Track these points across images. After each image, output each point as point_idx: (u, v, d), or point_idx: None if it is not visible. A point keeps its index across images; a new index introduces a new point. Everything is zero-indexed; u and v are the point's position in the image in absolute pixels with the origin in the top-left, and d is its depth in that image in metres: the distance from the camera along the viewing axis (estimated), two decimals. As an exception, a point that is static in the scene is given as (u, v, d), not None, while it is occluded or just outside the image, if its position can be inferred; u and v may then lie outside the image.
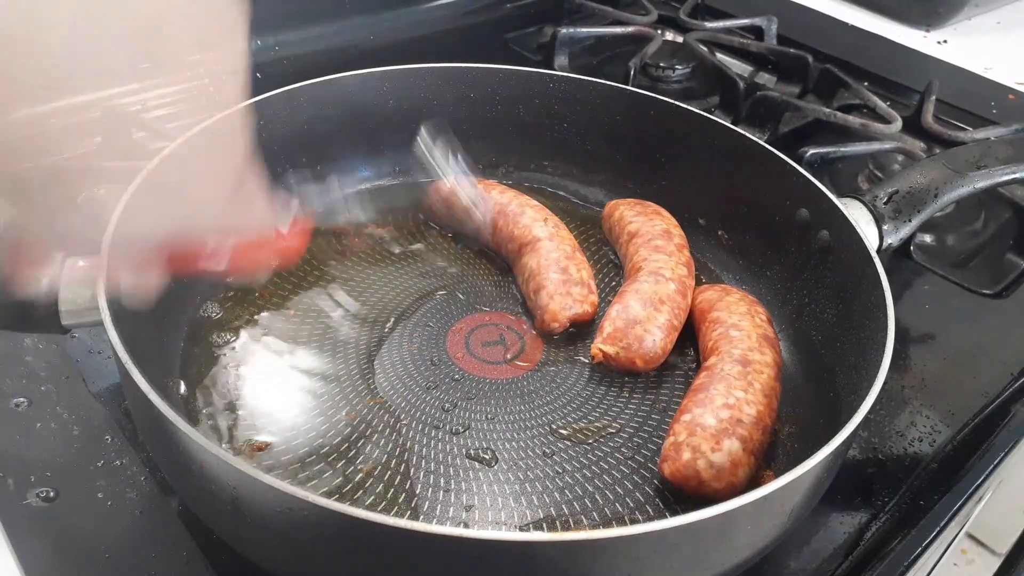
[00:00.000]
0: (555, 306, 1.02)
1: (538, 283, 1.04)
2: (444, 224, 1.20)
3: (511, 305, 1.09)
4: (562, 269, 1.05)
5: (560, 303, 1.02)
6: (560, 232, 1.11)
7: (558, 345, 1.04)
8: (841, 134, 1.45)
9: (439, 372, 0.98)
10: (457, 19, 1.83)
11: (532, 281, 1.05)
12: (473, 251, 1.18)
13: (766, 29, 1.78)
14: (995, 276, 1.24)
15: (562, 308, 1.02)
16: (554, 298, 1.02)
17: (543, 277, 1.04)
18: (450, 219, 1.18)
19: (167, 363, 0.93)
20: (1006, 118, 1.57)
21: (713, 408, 0.84)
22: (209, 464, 0.64)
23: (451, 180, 1.14)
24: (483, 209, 1.12)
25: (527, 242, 1.09)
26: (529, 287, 1.06)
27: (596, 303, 1.05)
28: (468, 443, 0.89)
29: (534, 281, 1.05)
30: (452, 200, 1.15)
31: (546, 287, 1.03)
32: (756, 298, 1.04)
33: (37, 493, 0.79)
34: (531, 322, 1.06)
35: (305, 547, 0.65)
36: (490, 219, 1.12)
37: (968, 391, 1.03)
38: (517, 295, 1.11)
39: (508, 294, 1.11)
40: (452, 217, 1.18)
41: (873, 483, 0.90)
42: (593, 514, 0.83)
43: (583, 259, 1.09)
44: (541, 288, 1.03)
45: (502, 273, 1.15)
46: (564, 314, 1.01)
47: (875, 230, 1.00)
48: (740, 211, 1.16)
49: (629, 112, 1.23)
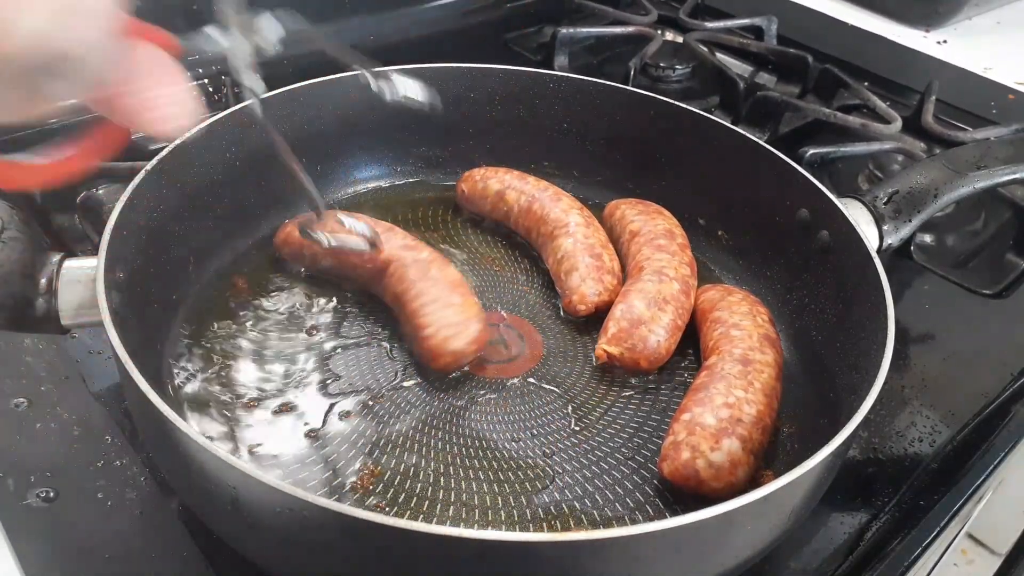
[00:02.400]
0: (586, 289, 1.04)
1: (572, 264, 1.06)
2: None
3: (512, 305, 1.09)
4: (596, 256, 1.07)
5: (591, 288, 1.04)
6: (594, 223, 1.14)
7: (558, 345, 1.04)
8: (841, 134, 1.45)
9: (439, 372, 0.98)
10: (457, 19, 1.83)
11: (566, 262, 1.07)
12: (477, 250, 1.18)
13: (766, 29, 1.78)
14: (995, 276, 1.24)
15: (592, 293, 1.04)
16: (586, 281, 1.04)
17: (577, 259, 1.06)
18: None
19: (166, 364, 0.93)
20: (1006, 118, 1.57)
21: (713, 407, 0.84)
22: (209, 464, 0.64)
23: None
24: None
25: (563, 224, 1.11)
26: (561, 267, 1.07)
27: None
28: (468, 443, 0.89)
29: (568, 262, 1.06)
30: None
31: (579, 269, 1.05)
32: (756, 298, 1.04)
33: (37, 493, 0.79)
34: (531, 321, 1.06)
35: (305, 547, 0.65)
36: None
37: (968, 391, 1.03)
38: (518, 295, 1.11)
39: (509, 294, 1.11)
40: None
41: (873, 483, 0.90)
42: (593, 514, 0.83)
43: (614, 252, 1.11)
44: (574, 270, 1.05)
45: (503, 273, 1.15)
46: (592, 299, 1.03)
47: (875, 230, 1.00)
48: (740, 211, 1.16)
49: (629, 112, 1.23)
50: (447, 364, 0.94)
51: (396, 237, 1.05)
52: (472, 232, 1.22)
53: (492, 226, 1.23)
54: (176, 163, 0.97)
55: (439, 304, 0.95)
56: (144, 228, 0.91)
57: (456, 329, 0.94)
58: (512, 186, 1.18)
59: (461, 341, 0.94)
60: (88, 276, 0.79)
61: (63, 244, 1.10)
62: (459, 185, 1.24)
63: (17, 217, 0.81)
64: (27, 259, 0.79)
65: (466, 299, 0.98)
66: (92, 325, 0.78)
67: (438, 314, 0.94)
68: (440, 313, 0.94)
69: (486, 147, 1.29)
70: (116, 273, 0.81)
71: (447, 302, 0.96)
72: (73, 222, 1.13)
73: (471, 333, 0.94)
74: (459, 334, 0.94)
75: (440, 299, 0.96)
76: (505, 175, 1.21)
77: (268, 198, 1.14)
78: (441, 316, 0.94)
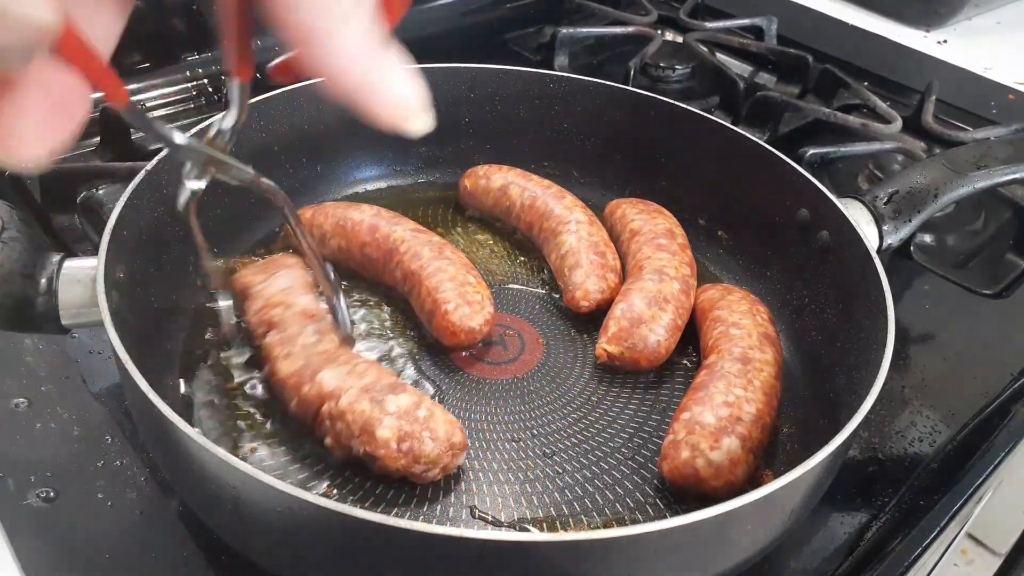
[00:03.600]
0: (590, 286, 1.04)
1: (575, 260, 1.06)
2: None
3: (512, 305, 1.09)
4: (600, 253, 1.08)
5: (595, 285, 1.04)
6: (596, 221, 1.14)
7: (558, 345, 1.04)
8: (841, 134, 1.45)
9: (440, 372, 0.98)
10: (457, 19, 1.83)
11: (569, 258, 1.07)
12: (478, 250, 1.18)
13: (766, 29, 1.78)
14: (995, 276, 1.24)
15: (596, 290, 1.04)
16: (590, 278, 1.05)
17: (581, 256, 1.07)
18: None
19: (167, 363, 0.93)
20: (1006, 118, 1.57)
21: (712, 406, 0.84)
22: (209, 464, 0.64)
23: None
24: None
25: (567, 221, 1.11)
26: (565, 263, 1.08)
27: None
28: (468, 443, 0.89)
29: (572, 258, 1.07)
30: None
31: (583, 266, 1.06)
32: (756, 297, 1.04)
33: (37, 493, 0.79)
34: (531, 322, 1.06)
35: (305, 547, 0.65)
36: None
37: (968, 391, 1.03)
38: (519, 295, 1.11)
39: (510, 294, 1.11)
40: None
41: (873, 483, 0.90)
42: (593, 514, 0.83)
43: (615, 251, 1.11)
44: (578, 266, 1.06)
45: (504, 273, 1.15)
46: (595, 296, 1.04)
47: (875, 230, 1.00)
48: (740, 211, 1.16)
49: (629, 112, 1.23)
50: (461, 341, 0.97)
51: (406, 222, 1.08)
52: (472, 232, 1.22)
53: (492, 227, 1.23)
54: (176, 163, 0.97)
55: (457, 282, 0.98)
56: (144, 228, 0.91)
57: (475, 308, 0.97)
58: (515, 182, 1.19)
59: (479, 320, 0.96)
60: (88, 276, 0.79)
61: (63, 244, 1.10)
62: (462, 181, 1.24)
63: (17, 217, 0.81)
64: (27, 259, 0.79)
65: (479, 280, 1.01)
66: (92, 325, 0.78)
67: (457, 291, 0.97)
68: (460, 290, 0.97)
69: (486, 147, 1.29)
70: (116, 273, 0.81)
71: (464, 280, 0.99)
72: (73, 222, 1.13)
73: (487, 314, 0.98)
74: (477, 313, 0.97)
75: (457, 278, 0.99)
76: (508, 172, 1.21)
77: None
78: (461, 293, 0.97)
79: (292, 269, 0.97)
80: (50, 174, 1.13)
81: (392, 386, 0.82)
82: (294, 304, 0.91)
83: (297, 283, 0.95)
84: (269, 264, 1.00)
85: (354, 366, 0.84)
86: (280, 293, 0.93)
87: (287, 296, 0.93)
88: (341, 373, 0.83)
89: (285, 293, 0.93)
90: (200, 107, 1.43)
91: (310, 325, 0.89)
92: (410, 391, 0.83)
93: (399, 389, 0.82)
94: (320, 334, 0.88)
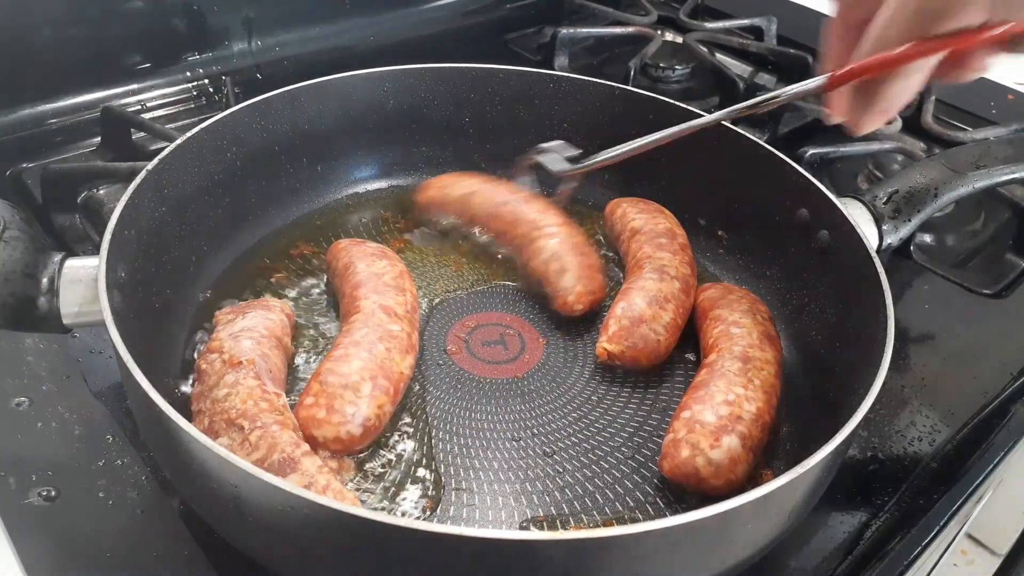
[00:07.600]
0: (582, 288, 1.04)
1: (561, 265, 1.06)
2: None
3: (511, 305, 1.09)
4: (583, 254, 1.07)
5: (587, 286, 1.04)
6: (571, 221, 1.14)
7: (558, 345, 1.04)
8: (841, 134, 1.44)
9: (440, 372, 0.98)
10: (457, 19, 1.83)
11: (554, 262, 1.06)
12: (470, 251, 1.18)
13: (766, 29, 1.79)
14: (995, 276, 1.24)
15: (588, 291, 1.04)
16: (581, 280, 1.05)
17: (567, 259, 1.06)
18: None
19: (168, 362, 0.93)
20: (1006, 118, 1.57)
21: (713, 405, 0.84)
22: (210, 463, 0.64)
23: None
24: None
25: (543, 226, 1.10)
26: (549, 268, 1.06)
27: (606, 294, 1.08)
28: (468, 443, 0.89)
29: (556, 263, 1.06)
30: None
31: (571, 269, 1.05)
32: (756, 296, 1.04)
33: (38, 492, 0.79)
34: (531, 321, 1.06)
35: (306, 546, 0.65)
36: None
37: (968, 391, 1.03)
38: (519, 295, 1.11)
39: (510, 293, 1.11)
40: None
41: (873, 483, 0.91)
42: (593, 513, 0.83)
43: (596, 248, 1.12)
44: (565, 270, 1.05)
45: (501, 273, 1.15)
46: (589, 297, 1.04)
47: (875, 230, 1.00)
48: (740, 211, 1.16)
49: (629, 112, 1.23)
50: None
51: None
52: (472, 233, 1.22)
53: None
54: (177, 163, 0.98)
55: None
56: (145, 228, 0.91)
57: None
58: (478, 191, 1.16)
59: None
60: (89, 275, 0.79)
61: (64, 244, 1.10)
62: (417, 196, 1.20)
63: (19, 217, 0.81)
64: (29, 258, 0.79)
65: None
66: (93, 324, 0.78)
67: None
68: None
69: (486, 147, 1.29)
70: (117, 272, 0.81)
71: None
72: (74, 222, 1.13)
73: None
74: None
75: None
76: (467, 180, 1.18)
77: (268, 198, 1.15)
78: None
79: (269, 311, 0.92)
80: (51, 174, 1.13)
81: (281, 463, 0.74)
82: (230, 351, 0.85)
83: (259, 324, 0.89)
84: (248, 305, 0.96)
85: (247, 435, 0.76)
86: (228, 338, 0.87)
87: (233, 341, 0.86)
88: (234, 443, 0.76)
89: (233, 338, 0.87)
90: (200, 107, 1.43)
91: (229, 375, 0.82)
92: (301, 471, 0.74)
93: (289, 468, 0.74)
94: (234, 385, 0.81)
